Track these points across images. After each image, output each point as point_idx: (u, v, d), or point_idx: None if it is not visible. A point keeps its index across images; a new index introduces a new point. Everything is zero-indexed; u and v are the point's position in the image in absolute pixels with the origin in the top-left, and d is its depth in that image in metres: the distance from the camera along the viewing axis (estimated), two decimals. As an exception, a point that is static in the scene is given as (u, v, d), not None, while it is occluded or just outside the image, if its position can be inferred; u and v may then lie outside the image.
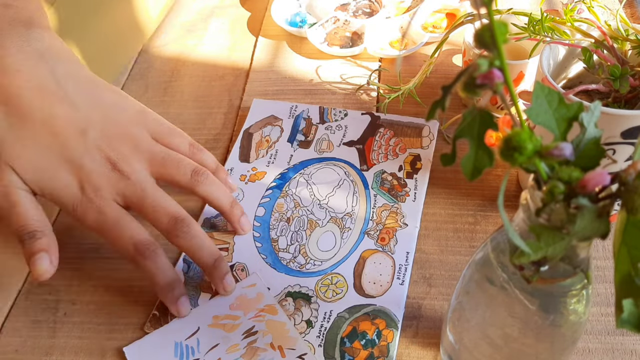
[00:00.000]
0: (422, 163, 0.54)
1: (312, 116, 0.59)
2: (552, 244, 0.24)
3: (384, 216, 0.50)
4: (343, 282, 0.46)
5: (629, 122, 0.39)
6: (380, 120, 0.58)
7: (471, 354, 0.35)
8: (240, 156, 0.56)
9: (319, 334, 0.43)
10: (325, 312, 0.44)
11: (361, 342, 0.43)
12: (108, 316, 0.46)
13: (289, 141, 0.57)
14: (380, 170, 0.54)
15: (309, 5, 0.72)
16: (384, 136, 0.57)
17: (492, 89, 0.22)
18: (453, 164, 0.24)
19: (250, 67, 0.67)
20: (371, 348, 0.42)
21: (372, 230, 0.50)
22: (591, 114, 0.25)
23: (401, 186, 0.52)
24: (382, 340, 0.43)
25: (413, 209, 0.51)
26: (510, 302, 0.30)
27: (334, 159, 0.55)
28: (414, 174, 0.53)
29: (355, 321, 0.44)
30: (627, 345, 0.42)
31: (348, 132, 0.57)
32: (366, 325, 0.44)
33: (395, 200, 0.51)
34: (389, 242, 0.49)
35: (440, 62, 0.65)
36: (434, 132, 0.56)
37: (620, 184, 0.23)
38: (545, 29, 0.45)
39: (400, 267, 0.47)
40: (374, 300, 0.45)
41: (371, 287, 0.46)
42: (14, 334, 0.46)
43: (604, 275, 0.46)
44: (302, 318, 0.44)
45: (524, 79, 0.54)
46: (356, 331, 0.43)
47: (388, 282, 0.46)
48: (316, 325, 0.44)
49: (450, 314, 0.36)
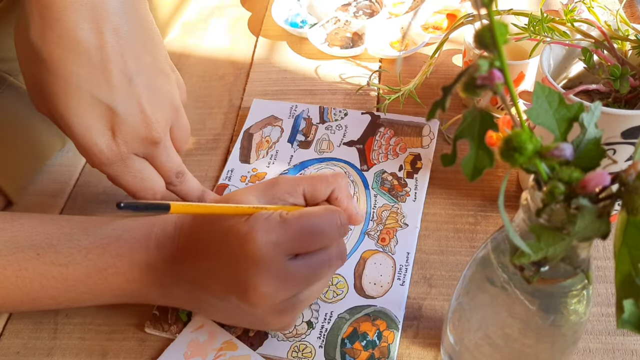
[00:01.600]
0: (423, 162, 0.54)
1: (312, 116, 0.59)
2: (553, 244, 0.24)
3: (385, 216, 0.50)
4: (343, 283, 0.46)
5: (629, 122, 0.39)
6: (380, 119, 0.58)
7: (472, 354, 0.35)
8: (240, 157, 0.56)
9: (319, 335, 0.43)
10: (326, 313, 0.44)
11: (362, 343, 0.43)
12: (108, 317, 0.46)
13: (289, 141, 0.57)
14: (381, 170, 0.54)
15: (310, 6, 0.73)
16: (384, 136, 0.57)
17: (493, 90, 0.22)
18: (453, 164, 0.24)
19: (251, 67, 0.67)
20: (372, 349, 0.42)
21: (373, 230, 0.49)
22: (591, 114, 0.25)
23: (401, 186, 0.52)
24: (382, 341, 0.43)
25: (413, 209, 0.51)
26: (511, 302, 0.30)
27: (334, 159, 0.55)
28: (414, 173, 0.53)
29: (356, 322, 0.44)
30: (628, 345, 0.42)
31: (348, 132, 0.57)
32: (367, 326, 0.43)
33: (395, 200, 0.51)
34: (389, 242, 0.49)
35: (440, 63, 0.65)
36: (434, 131, 0.56)
37: (621, 184, 0.23)
38: (545, 29, 0.45)
39: (401, 267, 0.47)
40: (374, 301, 0.45)
41: (372, 288, 0.46)
42: (16, 336, 0.46)
43: (605, 276, 0.46)
44: (303, 319, 0.44)
45: (524, 79, 0.54)
46: (357, 332, 0.43)
47: (388, 282, 0.46)
48: (317, 327, 0.44)
49: (451, 314, 0.36)
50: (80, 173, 0.58)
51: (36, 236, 0.40)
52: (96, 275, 0.40)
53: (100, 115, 0.40)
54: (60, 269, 0.40)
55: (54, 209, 0.55)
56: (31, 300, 0.40)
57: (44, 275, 0.39)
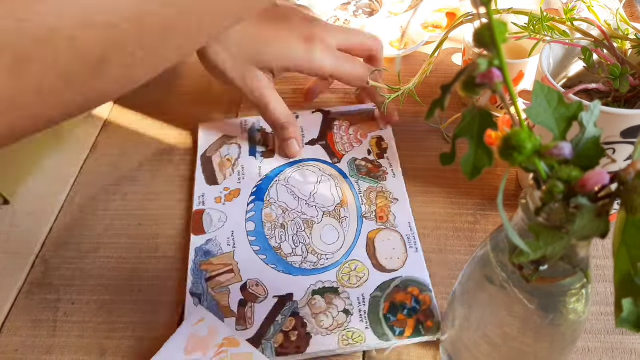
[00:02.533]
0: (387, 142, 0.56)
1: (265, 126, 0.59)
2: (552, 243, 0.24)
3: (373, 197, 0.52)
4: (362, 266, 0.47)
5: (628, 122, 0.39)
6: (331, 114, 0.60)
7: (471, 353, 0.35)
8: (207, 180, 0.55)
9: (361, 319, 0.44)
10: (358, 297, 0.45)
11: (404, 313, 0.44)
12: (108, 315, 0.46)
13: (251, 155, 0.57)
14: (352, 158, 0.55)
15: (309, 5, 0.72)
16: (341, 127, 0.58)
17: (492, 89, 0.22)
18: (453, 163, 0.24)
19: (250, 67, 0.67)
20: (415, 315, 0.43)
21: (368, 212, 0.51)
22: (591, 114, 0.25)
23: (376, 167, 0.54)
24: (422, 305, 0.44)
25: (396, 184, 0.53)
26: (510, 301, 0.30)
27: (303, 160, 0.56)
28: (383, 153, 0.55)
29: (390, 296, 0.45)
30: (627, 344, 0.42)
31: (306, 133, 0.58)
32: (402, 297, 0.45)
33: (377, 181, 0.53)
34: (387, 218, 0.50)
35: (440, 62, 0.65)
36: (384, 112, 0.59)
37: (620, 183, 0.23)
38: (545, 28, 0.45)
39: (408, 237, 0.49)
40: (397, 273, 0.46)
41: (389, 263, 0.47)
42: (14, 334, 0.46)
43: (604, 275, 0.46)
44: (339, 310, 0.44)
45: (523, 78, 0.54)
46: (395, 305, 0.44)
47: (403, 253, 0.47)
48: (355, 312, 0.44)
49: (450, 313, 0.36)
50: (79, 172, 0.58)
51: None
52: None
53: (299, 39, 0.52)
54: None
55: (52, 208, 0.55)
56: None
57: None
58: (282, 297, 0.45)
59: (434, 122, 0.58)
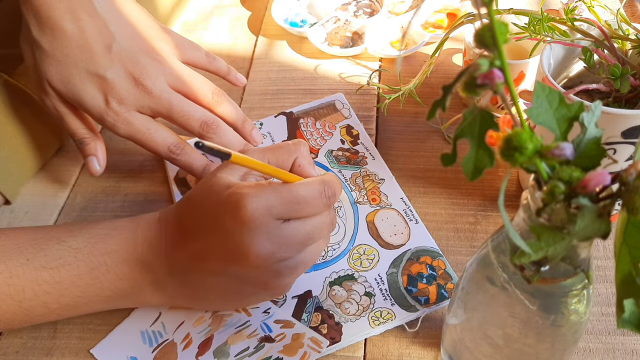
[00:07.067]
0: (356, 129, 0.58)
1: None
2: (553, 244, 0.24)
3: (360, 182, 0.53)
4: (370, 249, 0.48)
5: (629, 122, 0.39)
6: (294, 114, 0.60)
7: (472, 354, 0.35)
8: None
9: (384, 297, 0.45)
10: (375, 277, 0.46)
11: (423, 282, 0.45)
12: (108, 317, 0.46)
13: None
14: (328, 150, 0.56)
15: (310, 5, 0.72)
16: (307, 125, 0.59)
17: (493, 89, 0.22)
18: (453, 164, 0.24)
19: (251, 67, 0.67)
20: (434, 281, 0.45)
21: (360, 197, 0.52)
22: (592, 114, 0.25)
23: (354, 154, 0.55)
24: (438, 270, 0.46)
25: (378, 165, 0.54)
26: (511, 302, 0.30)
27: None
28: (356, 140, 0.57)
29: (405, 269, 0.46)
30: (628, 345, 0.42)
31: (275, 137, 0.58)
32: (416, 267, 0.46)
33: (359, 167, 0.54)
34: (380, 199, 0.51)
35: (440, 62, 0.65)
36: (344, 101, 0.60)
37: (621, 184, 0.23)
38: (546, 28, 0.45)
39: (405, 211, 0.50)
40: (405, 246, 0.48)
41: (395, 239, 0.48)
42: (15, 335, 0.46)
43: (605, 275, 0.46)
44: (360, 294, 0.45)
45: (524, 78, 0.54)
46: (412, 276, 0.46)
47: (405, 227, 0.49)
48: (377, 292, 0.45)
49: (451, 314, 0.36)
50: (79, 173, 0.58)
51: (24, 243, 0.40)
52: (87, 275, 0.40)
53: (95, 84, 0.47)
54: (51, 272, 0.39)
55: (53, 208, 0.55)
56: (24, 310, 0.40)
57: (35, 281, 0.39)
58: (301, 295, 0.46)
59: (434, 123, 0.58)
